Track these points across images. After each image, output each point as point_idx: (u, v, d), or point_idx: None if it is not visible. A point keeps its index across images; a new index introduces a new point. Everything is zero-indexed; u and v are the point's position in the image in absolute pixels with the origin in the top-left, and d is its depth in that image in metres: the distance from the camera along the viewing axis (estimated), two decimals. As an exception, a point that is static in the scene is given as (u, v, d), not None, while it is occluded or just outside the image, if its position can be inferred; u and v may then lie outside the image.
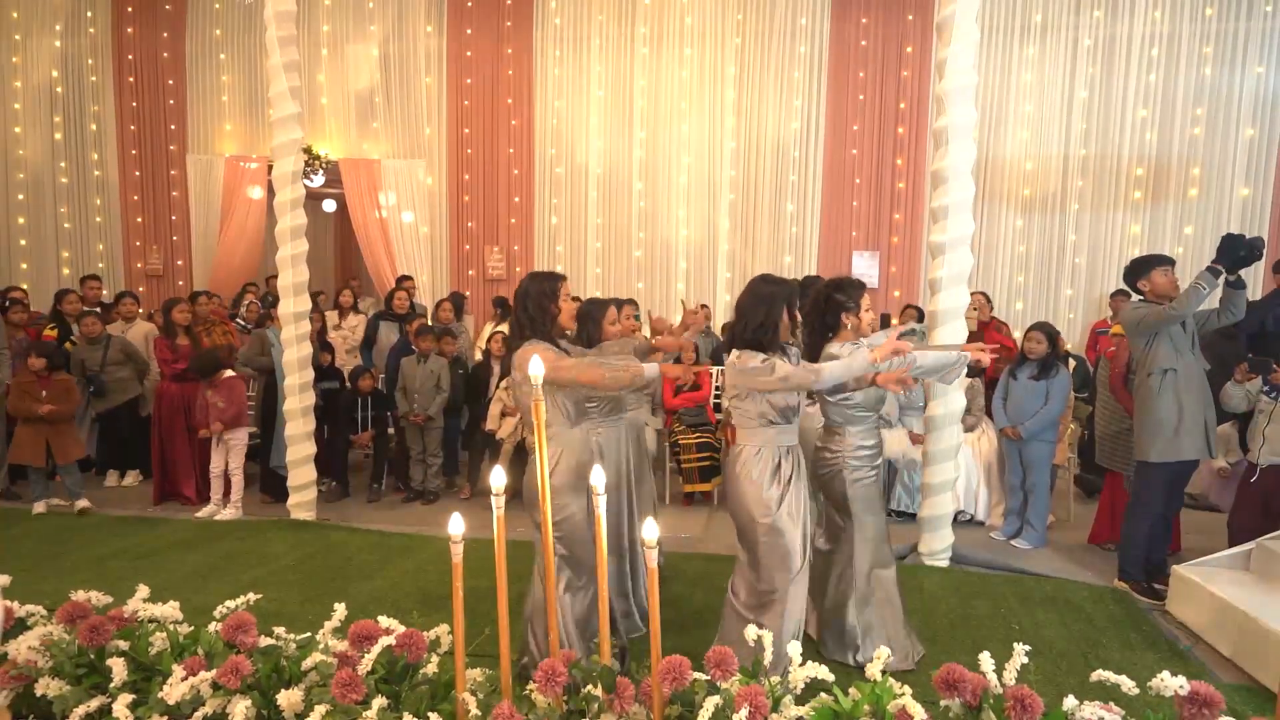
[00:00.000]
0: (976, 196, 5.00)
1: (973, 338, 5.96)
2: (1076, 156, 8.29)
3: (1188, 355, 4.09)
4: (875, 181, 8.69)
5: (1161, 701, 1.90)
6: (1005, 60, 8.32)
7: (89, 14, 9.44)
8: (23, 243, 9.66)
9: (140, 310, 7.17)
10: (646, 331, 6.39)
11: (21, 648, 2.32)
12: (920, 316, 7.07)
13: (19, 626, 2.49)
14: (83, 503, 5.62)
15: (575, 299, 3.78)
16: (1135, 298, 4.42)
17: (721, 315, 8.74)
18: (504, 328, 7.91)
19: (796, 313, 3.12)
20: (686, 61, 8.79)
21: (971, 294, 5.08)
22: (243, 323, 7.23)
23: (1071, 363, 6.45)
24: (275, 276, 5.99)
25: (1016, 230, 8.49)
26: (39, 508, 5.61)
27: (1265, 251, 4.07)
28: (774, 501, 2.96)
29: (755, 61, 8.71)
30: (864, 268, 8.71)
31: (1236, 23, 7.90)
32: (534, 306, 2.98)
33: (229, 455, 5.72)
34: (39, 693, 2.19)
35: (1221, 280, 3.94)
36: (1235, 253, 3.88)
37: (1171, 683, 1.86)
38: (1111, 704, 1.96)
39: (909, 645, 3.42)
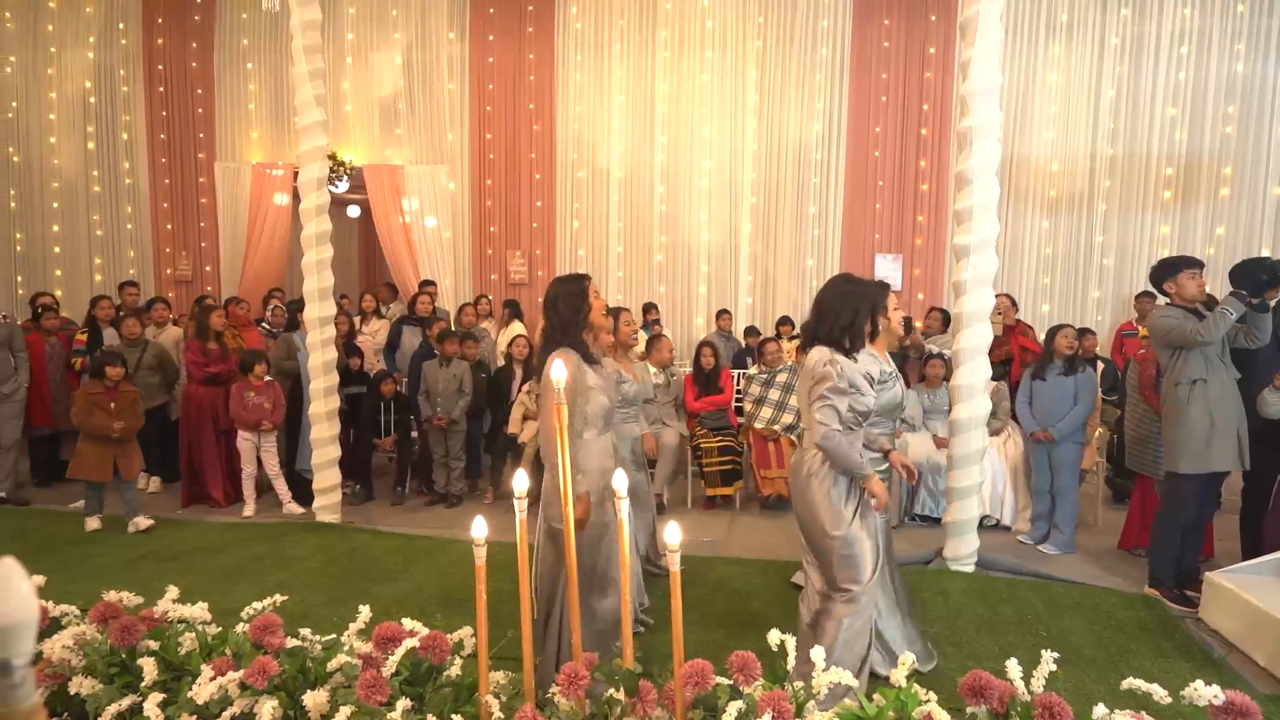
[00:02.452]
0: (1001, 198, 4.94)
1: (997, 341, 5.91)
2: (1104, 156, 8.16)
3: (1218, 365, 4.00)
4: (898, 184, 8.62)
5: (1195, 711, 1.86)
6: (1030, 60, 8.22)
7: (121, 26, 9.63)
8: (57, 250, 9.87)
9: (171, 315, 7.29)
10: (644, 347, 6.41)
11: (56, 647, 2.36)
12: (945, 319, 7.00)
13: (53, 626, 2.54)
14: (146, 521, 5.34)
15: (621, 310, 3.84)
16: (1161, 300, 4.34)
17: (743, 318, 8.72)
18: (514, 328, 7.95)
19: (881, 317, 3.04)
20: (708, 65, 8.78)
21: (996, 296, 5.03)
22: (268, 327, 7.31)
23: (1100, 365, 6.37)
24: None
25: (1042, 232, 8.37)
26: (93, 524, 5.33)
27: None
28: (850, 514, 2.85)
29: (777, 64, 8.67)
30: (887, 270, 8.64)
31: (1269, 18, 7.74)
32: (566, 308, 3.01)
33: (265, 457, 5.85)
34: (73, 691, 2.23)
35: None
36: (1257, 277, 3.83)
37: (1205, 692, 1.82)
38: (1143, 713, 1.92)
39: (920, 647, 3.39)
